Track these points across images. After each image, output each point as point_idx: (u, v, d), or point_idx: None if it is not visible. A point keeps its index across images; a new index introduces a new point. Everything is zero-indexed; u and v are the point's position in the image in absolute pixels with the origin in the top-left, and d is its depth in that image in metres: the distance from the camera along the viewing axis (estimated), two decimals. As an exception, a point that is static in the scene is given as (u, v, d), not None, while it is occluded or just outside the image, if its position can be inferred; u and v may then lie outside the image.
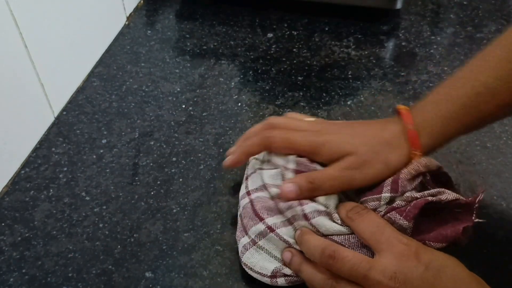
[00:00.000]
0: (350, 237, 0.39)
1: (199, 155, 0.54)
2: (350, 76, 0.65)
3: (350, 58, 0.68)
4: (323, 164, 0.42)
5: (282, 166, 0.43)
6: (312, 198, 0.41)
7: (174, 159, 0.54)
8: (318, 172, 0.41)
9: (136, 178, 0.52)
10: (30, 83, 0.54)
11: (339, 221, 0.40)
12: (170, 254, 0.45)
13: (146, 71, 0.66)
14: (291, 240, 0.40)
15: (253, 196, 0.44)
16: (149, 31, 0.73)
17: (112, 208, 0.49)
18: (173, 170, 0.53)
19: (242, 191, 0.46)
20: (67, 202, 0.50)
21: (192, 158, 0.54)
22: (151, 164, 0.53)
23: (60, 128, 0.58)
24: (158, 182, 0.51)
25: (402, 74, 0.65)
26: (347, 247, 0.38)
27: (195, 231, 0.47)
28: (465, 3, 0.78)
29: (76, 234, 0.47)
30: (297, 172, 0.42)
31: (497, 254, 0.44)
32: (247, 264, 0.42)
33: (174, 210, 0.49)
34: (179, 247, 0.46)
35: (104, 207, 0.49)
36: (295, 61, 0.67)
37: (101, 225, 0.48)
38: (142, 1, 0.79)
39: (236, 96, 0.62)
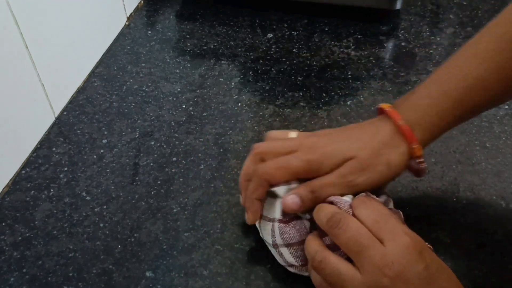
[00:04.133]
0: None
1: (199, 155, 0.54)
2: (350, 76, 0.65)
3: (350, 58, 0.68)
4: None
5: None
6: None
7: (174, 159, 0.54)
8: (319, 180, 0.40)
9: (137, 178, 0.52)
10: (30, 83, 0.54)
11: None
12: (170, 253, 0.45)
13: (147, 71, 0.66)
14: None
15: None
16: (149, 32, 0.73)
17: (113, 208, 0.49)
18: (173, 170, 0.53)
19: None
20: (68, 202, 0.50)
21: (192, 158, 0.54)
22: (152, 164, 0.54)
23: (61, 128, 0.58)
24: (159, 182, 0.52)
25: (402, 74, 0.65)
26: None
27: (195, 231, 0.47)
28: (464, 3, 0.78)
29: (76, 234, 0.47)
30: None
31: (497, 254, 0.44)
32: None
33: (174, 210, 0.49)
34: (179, 247, 0.46)
35: (105, 207, 0.49)
36: (295, 61, 0.67)
37: (101, 225, 0.48)
38: (142, 2, 0.80)
39: (236, 96, 0.62)
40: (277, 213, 0.41)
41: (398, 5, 0.73)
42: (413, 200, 0.49)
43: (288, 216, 0.41)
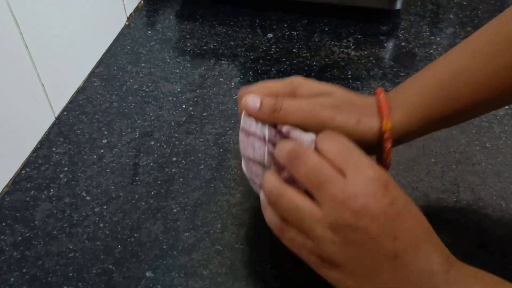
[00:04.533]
0: None
1: (199, 155, 0.54)
2: (350, 76, 0.65)
3: (350, 58, 0.68)
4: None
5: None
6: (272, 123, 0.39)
7: (174, 159, 0.54)
8: (287, 98, 0.39)
9: (137, 178, 0.52)
10: (30, 83, 0.54)
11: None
12: (170, 253, 0.45)
13: (147, 71, 0.66)
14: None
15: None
16: (149, 32, 0.73)
17: (113, 208, 0.49)
18: (173, 170, 0.53)
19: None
20: (68, 202, 0.50)
21: (192, 158, 0.54)
22: (152, 164, 0.54)
23: (61, 128, 0.58)
24: (159, 182, 0.52)
25: (402, 74, 0.65)
26: None
27: (195, 231, 0.47)
28: (464, 3, 0.78)
29: (76, 234, 0.47)
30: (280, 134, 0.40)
31: (497, 254, 0.44)
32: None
33: (174, 210, 0.49)
34: (179, 247, 0.46)
35: (105, 207, 0.49)
36: (295, 61, 0.67)
37: (101, 225, 0.48)
38: (142, 2, 0.80)
39: (236, 96, 0.62)
40: (243, 121, 0.40)
41: (398, 5, 0.73)
42: (413, 200, 0.49)
43: (250, 130, 0.40)
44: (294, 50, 0.69)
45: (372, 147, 0.40)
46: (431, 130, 0.42)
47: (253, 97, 0.39)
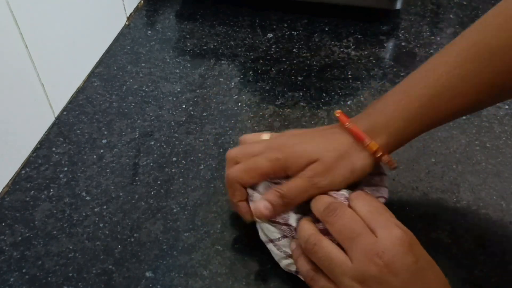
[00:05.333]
0: None
1: (199, 155, 0.54)
2: (350, 76, 0.65)
3: (350, 58, 0.68)
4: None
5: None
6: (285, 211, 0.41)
7: (174, 159, 0.54)
8: (287, 184, 0.41)
9: (137, 178, 0.52)
10: (30, 83, 0.54)
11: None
12: (170, 253, 0.45)
13: (147, 71, 0.66)
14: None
15: None
16: (149, 31, 0.73)
17: (113, 208, 0.49)
18: (173, 170, 0.53)
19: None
20: (68, 202, 0.50)
21: (192, 158, 0.54)
22: (151, 164, 0.54)
23: (61, 128, 0.58)
24: (158, 182, 0.52)
25: (402, 74, 0.65)
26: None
27: (195, 231, 0.47)
28: (465, 3, 0.78)
29: (76, 234, 0.47)
30: None
31: (497, 254, 0.44)
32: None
33: (174, 210, 0.49)
34: (179, 247, 0.46)
35: (105, 207, 0.49)
36: (295, 61, 0.67)
37: (101, 225, 0.48)
38: (142, 1, 0.80)
39: (236, 96, 0.62)
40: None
41: (398, 5, 0.73)
42: (413, 200, 0.49)
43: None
44: (294, 50, 0.69)
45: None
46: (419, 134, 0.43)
47: (261, 203, 0.41)
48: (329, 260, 0.36)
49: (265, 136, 0.46)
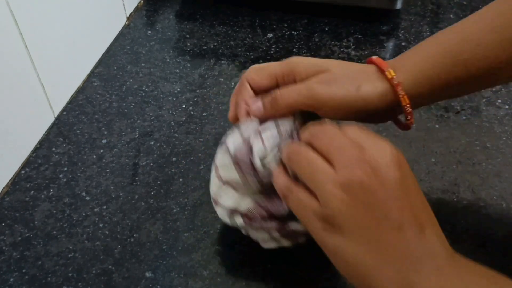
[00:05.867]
0: None
1: (199, 155, 0.54)
2: (350, 76, 0.65)
3: (350, 58, 0.68)
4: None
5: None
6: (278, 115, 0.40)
7: (174, 159, 0.54)
8: (285, 87, 0.40)
9: (136, 178, 0.52)
10: (30, 83, 0.54)
11: None
12: (170, 254, 0.45)
13: (146, 71, 0.66)
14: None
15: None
16: (149, 31, 0.73)
17: (112, 208, 0.49)
18: (173, 170, 0.53)
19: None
20: (67, 202, 0.50)
21: (192, 158, 0.54)
22: (151, 164, 0.54)
23: (60, 128, 0.58)
24: (158, 182, 0.52)
25: (402, 74, 0.65)
26: None
27: (195, 231, 0.47)
28: (465, 3, 0.78)
29: (76, 234, 0.47)
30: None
31: (497, 254, 0.44)
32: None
33: (174, 210, 0.49)
34: (179, 247, 0.46)
35: (104, 207, 0.49)
36: (295, 61, 0.67)
37: (101, 225, 0.48)
38: (142, 1, 0.79)
39: (236, 96, 0.62)
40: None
41: (398, 5, 0.73)
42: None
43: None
44: (294, 50, 0.69)
45: (383, 113, 0.40)
46: (440, 97, 0.42)
47: (256, 102, 0.40)
48: (312, 166, 0.33)
49: None
